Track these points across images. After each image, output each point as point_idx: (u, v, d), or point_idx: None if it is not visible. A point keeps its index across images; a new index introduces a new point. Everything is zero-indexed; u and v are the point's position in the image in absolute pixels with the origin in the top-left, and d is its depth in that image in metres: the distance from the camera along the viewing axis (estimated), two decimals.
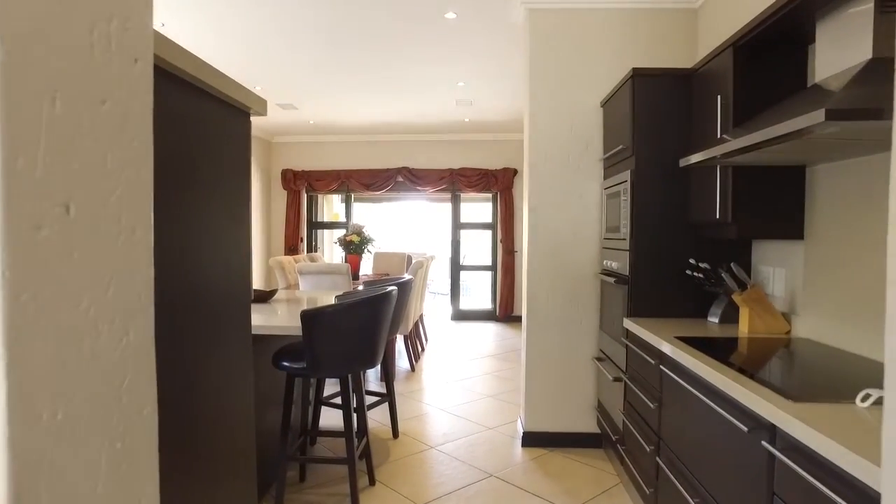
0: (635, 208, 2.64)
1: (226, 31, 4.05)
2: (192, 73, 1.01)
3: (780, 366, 1.83)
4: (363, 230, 5.99)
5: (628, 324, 2.56)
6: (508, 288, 7.90)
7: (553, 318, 3.38)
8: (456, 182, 7.92)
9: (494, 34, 3.98)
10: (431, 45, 4.22)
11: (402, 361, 5.51)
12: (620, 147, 2.78)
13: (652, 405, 2.20)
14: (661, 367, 2.10)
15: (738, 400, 1.46)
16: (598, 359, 3.25)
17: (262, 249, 8.00)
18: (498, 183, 7.83)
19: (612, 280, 2.87)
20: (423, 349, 6.14)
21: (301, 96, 5.84)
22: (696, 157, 2.05)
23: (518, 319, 7.89)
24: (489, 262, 8.30)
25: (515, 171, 7.84)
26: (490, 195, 8.15)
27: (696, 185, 2.49)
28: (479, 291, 8.93)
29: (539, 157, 3.36)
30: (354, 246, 5.76)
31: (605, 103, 3.19)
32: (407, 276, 3.30)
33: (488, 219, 8.26)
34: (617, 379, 2.77)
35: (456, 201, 8.16)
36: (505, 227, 7.88)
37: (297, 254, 7.89)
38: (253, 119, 1.39)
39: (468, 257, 9.31)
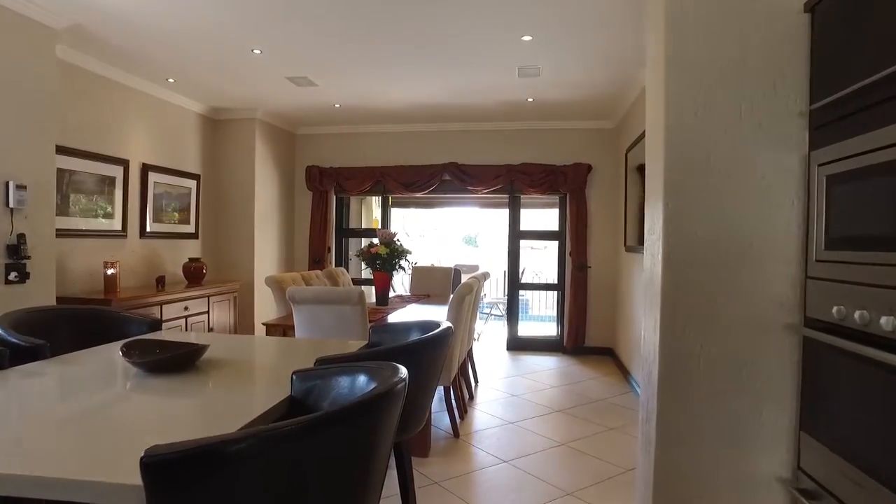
0: None
1: None
2: None
3: None
4: (395, 239, 4.59)
5: None
6: (579, 313, 6.31)
7: (703, 401, 1.86)
8: (515, 181, 6.43)
9: None
10: None
11: (441, 418, 4.05)
12: None
13: None
14: None
15: None
16: (805, 492, 1.70)
17: (281, 262, 6.75)
18: (567, 182, 6.28)
19: (876, 354, 1.33)
20: (471, 396, 4.66)
21: (317, 67, 4.52)
22: None
23: (590, 352, 6.29)
24: (554, 280, 6.75)
25: (589, 168, 6.27)
26: (556, 197, 6.61)
27: None
28: (540, 314, 7.38)
29: (682, 109, 1.86)
30: (382, 261, 4.36)
31: None
32: (444, 324, 1.85)
33: (554, 226, 6.72)
34: None
35: (514, 204, 6.66)
36: (576, 237, 6.30)
37: (323, 267, 6.59)
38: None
39: (527, 272, 7.79)
